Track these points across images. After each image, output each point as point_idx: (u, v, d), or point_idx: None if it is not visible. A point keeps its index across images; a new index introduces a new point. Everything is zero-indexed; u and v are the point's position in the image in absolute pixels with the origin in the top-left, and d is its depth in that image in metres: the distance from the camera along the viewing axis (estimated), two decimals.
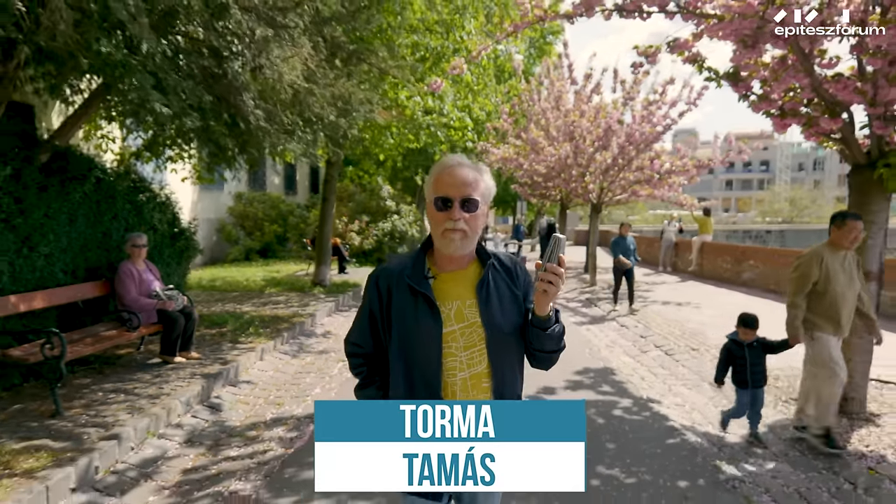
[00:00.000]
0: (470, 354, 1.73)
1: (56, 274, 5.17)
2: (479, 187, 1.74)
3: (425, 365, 1.71)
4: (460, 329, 1.73)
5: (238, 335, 7.05)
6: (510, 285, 1.82)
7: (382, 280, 1.79)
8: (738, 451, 4.33)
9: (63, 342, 4.26)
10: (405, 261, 1.81)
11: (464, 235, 1.70)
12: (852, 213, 4.49)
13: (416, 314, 1.72)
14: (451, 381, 1.72)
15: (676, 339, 8.00)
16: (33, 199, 4.81)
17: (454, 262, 1.79)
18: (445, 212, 1.69)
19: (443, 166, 1.76)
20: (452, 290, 1.76)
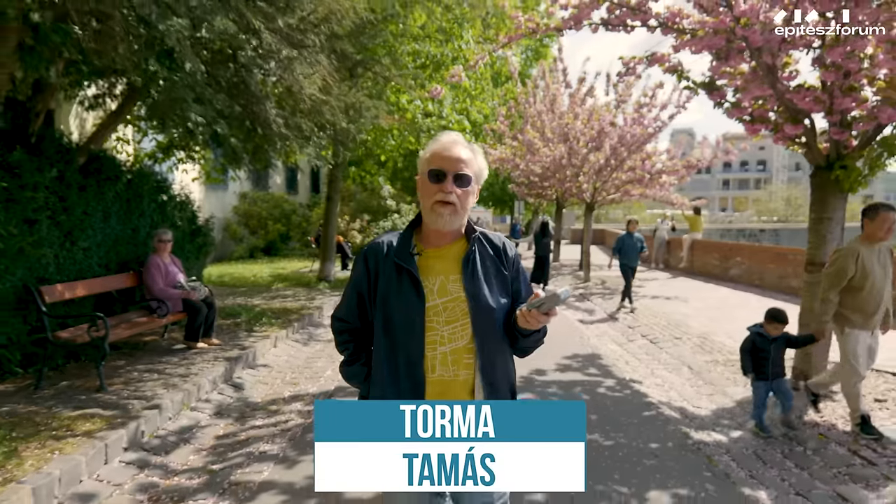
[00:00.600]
0: (452, 329, 1.73)
1: (93, 266, 5.70)
2: (473, 166, 1.77)
3: (407, 340, 1.72)
4: (443, 303, 1.74)
5: (252, 325, 7.58)
6: (497, 263, 1.82)
7: (370, 256, 1.80)
8: (707, 422, 4.87)
9: (107, 325, 4.78)
10: (392, 237, 1.83)
11: (454, 210, 1.73)
12: (884, 203, 4.51)
13: (400, 290, 1.73)
14: (430, 354, 1.72)
15: (662, 329, 8.55)
16: (74, 197, 5.33)
17: (441, 237, 1.80)
18: (438, 184, 1.72)
19: (439, 142, 1.78)
20: (437, 265, 1.78)
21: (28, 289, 4.78)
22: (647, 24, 5.88)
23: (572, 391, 5.54)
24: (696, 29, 5.60)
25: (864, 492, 3.57)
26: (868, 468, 3.87)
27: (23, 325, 4.87)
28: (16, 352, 4.84)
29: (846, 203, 5.57)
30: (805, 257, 5.75)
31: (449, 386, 1.73)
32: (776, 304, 8.74)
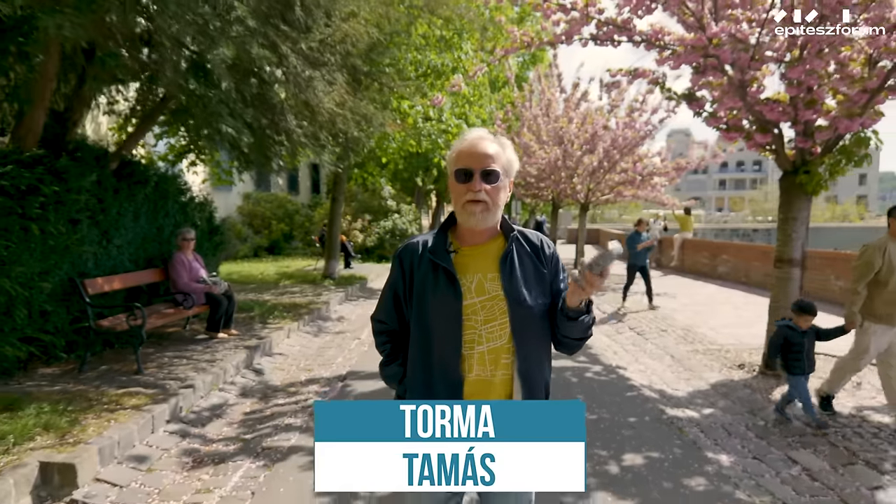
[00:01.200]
0: (490, 328, 1.70)
1: (125, 262, 6.24)
2: (501, 159, 1.72)
3: (444, 339, 1.69)
4: (481, 302, 1.70)
5: (266, 318, 8.12)
6: (535, 262, 1.79)
7: (405, 256, 1.79)
8: (682, 401, 5.43)
9: (144, 314, 5.32)
10: (428, 236, 1.81)
11: (485, 208, 1.69)
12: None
13: (436, 288, 1.70)
14: (468, 354, 1.70)
15: (649, 322, 9.11)
16: (110, 199, 5.87)
17: (477, 236, 1.77)
18: (466, 183, 1.68)
19: (464, 140, 1.75)
20: (474, 263, 1.74)
21: (73, 281, 5.32)
22: (632, 39, 6.42)
23: (562, 375, 6.09)
24: (675, 46, 6.15)
25: (811, 455, 4.13)
26: (818, 437, 4.43)
27: (66, 314, 5.41)
28: (60, 338, 5.37)
29: (810, 204, 6.13)
30: (774, 254, 6.30)
31: (486, 386, 1.71)
32: (760, 299, 9.29)
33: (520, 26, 11.57)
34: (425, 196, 27.48)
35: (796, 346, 4.52)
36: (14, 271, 4.67)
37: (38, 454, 3.50)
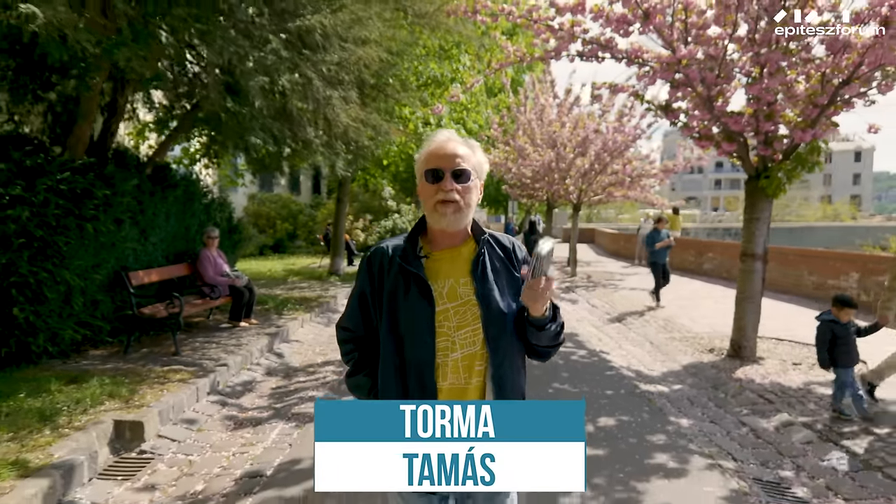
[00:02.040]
0: (464, 335, 1.67)
1: (159, 257, 6.95)
2: (471, 160, 1.70)
3: (416, 347, 1.66)
4: (454, 308, 1.68)
5: (280, 310, 8.83)
6: (507, 265, 1.76)
7: (374, 261, 1.74)
8: (655, 379, 6.16)
9: (182, 303, 6.04)
10: (398, 240, 1.76)
11: (457, 208, 1.66)
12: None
13: (408, 295, 1.66)
14: (442, 362, 1.66)
15: (634, 315, 9.85)
16: (147, 201, 6.58)
17: (448, 238, 1.74)
18: (436, 183, 1.65)
19: (433, 141, 1.72)
20: (445, 268, 1.71)
21: (118, 274, 6.03)
22: (615, 56, 7.14)
23: (549, 359, 6.81)
24: (653, 63, 6.87)
25: (760, 419, 4.86)
26: (767, 405, 5.17)
27: (111, 303, 6.12)
28: (106, 325, 6.07)
29: (771, 206, 6.87)
30: (740, 250, 7.03)
31: (461, 393, 1.68)
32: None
33: (513, 40, 12.27)
34: None
35: (842, 339, 4.55)
36: (73, 264, 5.37)
37: (111, 414, 4.21)
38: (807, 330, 7.89)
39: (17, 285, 5.02)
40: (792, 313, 9.54)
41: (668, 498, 3.47)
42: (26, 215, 5.02)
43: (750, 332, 6.83)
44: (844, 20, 5.71)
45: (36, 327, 5.19)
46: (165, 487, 3.61)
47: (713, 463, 3.99)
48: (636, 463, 3.96)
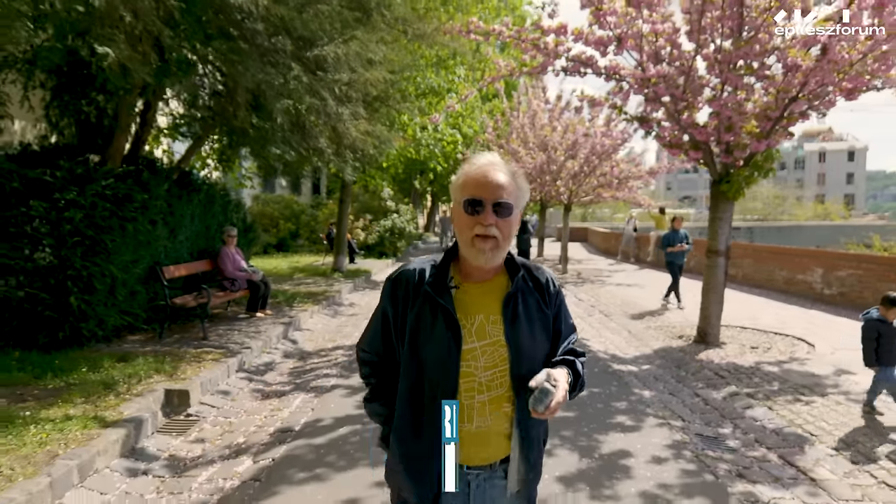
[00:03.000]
0: (491, 375, 1.58)
1: (185, 254, 7.74)
2: (512, 190, 1.59)
3: (439, 385, 1.57)
4: (482, 347, 1.58)
5: (291, 303, 9.63)
6: (540, 302, 1.68)
7: (400, 285, 1.66)
8: (627, 360, 6.98)
9: (209, 294, 6.84)
10: (426, 265, 1.67)
11: (496, 245, 1.56)
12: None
13: (434, 328, 1.57)
14: (467, 403, 1.57)
15: (616, 307, 10.68)
16: (175, 204, 7.36)
17: (481, 272, 1.64)
18: (475, 216, 1.54)
19: (474, 165, 1.61)
20: (476, 302, 1.62)
21: (153, 268, 6.82)
22: (596, 72, 7.94)
23: None
24: (629, 79, 7.67)
25: (711, 391, 5.68)
26: (720, 380, 5.98)
27: (146, 294, 6.91)
28: (143, 313, 6.86)
29: (733, 207, 7.69)
30: (706, 247, 7.85)
31: (484, 437, 1.60)
32: (731, 293, 10.55)
33: (504, 54, 13.05)
34: (421, 197, 29.04)
35: (887, 338, 4.55)
36: (117, 260, 6.16)
37: (160, 385, 5.01)
38: (770, 319, 8.79)
39: (72, 278, 5.81)
40: (760, 305, 10.39)
41: (621, 446, 4.28)
42: (79, 217, 5.81)
43: (714, 320, 7.65)
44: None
45: (87, 314, 5.98)
46: (213, 440, 4.41)
47: (664, 422, 4.81)
48: (600, 422, 4.77)
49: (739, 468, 3.98)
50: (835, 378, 5.94)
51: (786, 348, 7.31)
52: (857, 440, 4.37)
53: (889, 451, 4.17)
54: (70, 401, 4.45)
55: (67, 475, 3.40)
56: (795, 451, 4.23)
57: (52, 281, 5.77)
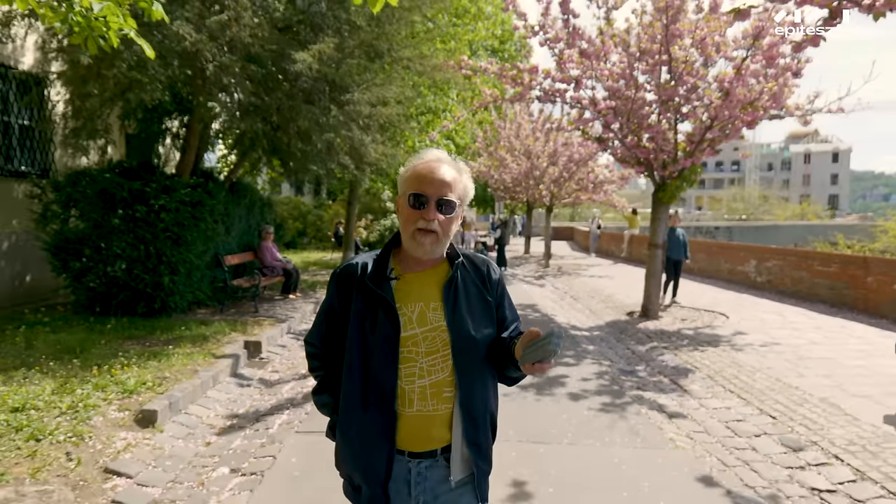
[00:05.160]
0: (432, 361, 1.63)
1: (235, 247, 9.73)
2: (458, 188, 1.64)
3: (380, 371, 1.61)
4: (423, 333, 1.63)
5: (313, 288, 11.62)
6: (481, 289, 1.72)
7: (343, 279, 1.70)
8: (582, 328, 9.02)
9: (259, 278, 8.83)
10: (368, 259, 1.70)
11: (436, 239, 1.61)
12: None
13: (374, 317, 1.62)
14: (408, 388, 1.62)
15: (586, 293, 12.74)
16: (230, 207, 9.34)
17: (421, 262, 1.69)
18: (419, 210, 1.60)
19: (421, 160, 1.66)
20: (416, 291, 1.67)
21: (216, 258, 8.80)
22: (563, 101, 9.96)
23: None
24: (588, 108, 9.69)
25: (638, 346, 7.71)
26: (647, 339, 8.02)
27: (210, 277, 8.89)
28: (208, 292, 8.84)
29: (668, 210, 9.74)
30: (647, 241, 9.90)
31: (427, 421, 1.65)
32: (682, 281, 12.46)
33: (489, 84, 14.99)
34: None
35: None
36: (194, 250, 8.14)
37: (240, 338, 6.99)
38: (707, 300, 10.91)
39: (164, 263, 7.79)
40: (703, 290, 12.48)
41: (562, 372, 6.31)
42: (169, 218, 7.78)
43: (653, 298, 9.71)
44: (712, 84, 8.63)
45: (173, 291, 7.96)
46: (284, 371, 6.41)
47: (596, 361, 6.85)
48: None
49: (640, 384, 6.02)
50: (730, 337, 8.02)
51: (707, 320, 9.38)
52: (722, 369, 6.43)
53: (738, 373, 6.24)
54: (185, 345, 6.44)
55: (206, 382, 5.39)
56: (680, 377, 6.27)
57: (149, 265, 7.74)
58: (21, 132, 9.01)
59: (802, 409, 5.15)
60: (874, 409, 5.07)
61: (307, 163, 8.15)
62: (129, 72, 5.92)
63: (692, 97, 8.83)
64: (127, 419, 4.37)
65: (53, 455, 3.67)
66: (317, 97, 7.29)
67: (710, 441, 4.55)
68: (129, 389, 4.81)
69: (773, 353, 7.14)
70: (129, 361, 5.55)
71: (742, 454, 4.31)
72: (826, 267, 10.74)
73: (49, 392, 4.57)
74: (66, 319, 7.44)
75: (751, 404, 5.33)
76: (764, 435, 4.64)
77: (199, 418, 4.79)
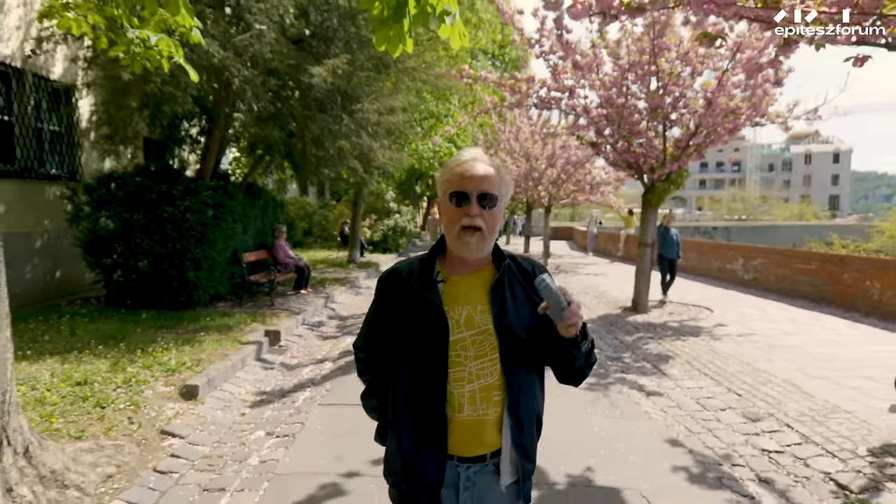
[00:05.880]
0: (480, 364, 1.63)
1: (250, 245, 10.39)
2: (497, 183, 1.64)
3: (429, 375, 1.62)
4: (471, 336, 1.63)
5: (323, 285, 12.28)
6: (528, 289, 1.70)
7: (389, 283, 1.73)
8: None
9: (275, 274, 9.49)
10: (414, 262, 1.73)
11: (482, 236, 1.61)
12: None
13: (422, 320, 1.63)
14: (457, 392, 1.62)
15: (581, 290, 13.39)
16: (248, 207, 10.01)
17: (467, 264, 1.69)
18: (461, 208, 1.60)
19: (458, 160, 1.66)
20: (463, 293, 1.66)
21: (235, 255, 9.46)
22: (559, 109, 10.60)
23: None
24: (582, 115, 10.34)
25: (626, 336, 8.36)
26: (635, 330, 8.68)
27: (229, 273, 9.55)
28: (228, 286, 9.51)
29: (656, 211, 10.39)
30: (637, 240, 10.54)
31: (478, 425, 1.65)
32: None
33: (489, 91, 15.65)
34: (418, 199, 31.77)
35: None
36: (216, 248, 8.80)
37: (260, 328, 7.65)
38: (695, 296, 11.51)
39: (189, 260, 8.45)
40: (693, 287, 13.13)
41: None
42: (195, 218, 8.44)
43: (643, 293, 10.36)
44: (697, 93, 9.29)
45: (197, 285, 8.63)
46: (302, 357, 7.07)
47: None
48: None
49: (624, 368, 6.68)
50: (711, 328, 8.68)
51: (693, 313, 10.03)
52: (700, 355, 7.09)
53: (713, 359, 6.89)
54: (212, 333, 7.10)
55: (235, 364, 6.06)
56: (661, 362, 6.93)
57: (175, 262, 8.41)
58: (51, 137, 9.68)
59: (766, 388, 5.80)
60: (829, 389, 5.72)
61: (320, 167, 8.82)
62: (164, 86, 6.57)
63: (679, 105, 9.48)
64: (173, 393, 5.04)
65: (118, 419, 4.34)
66: (329, 106, 7.95)
67: (681, 414, 5.21)
68: (172, 369, 5.48)
69: (748, 341, 7.79)
70: (167, 346, 6.22)
71: (707, 424, 4.97)
72: (807, 265, 11.39)
73: (105, 370, 5.24)
74: (101, 311, 8.11)
75: (721, 384, 5.98)
76: (728, 409, 5.29)
77: (233, 394, 5.46)
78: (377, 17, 2.87)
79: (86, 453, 3.65)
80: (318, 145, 8.33)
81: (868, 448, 4.32)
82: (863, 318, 9.41)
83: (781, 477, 3.99)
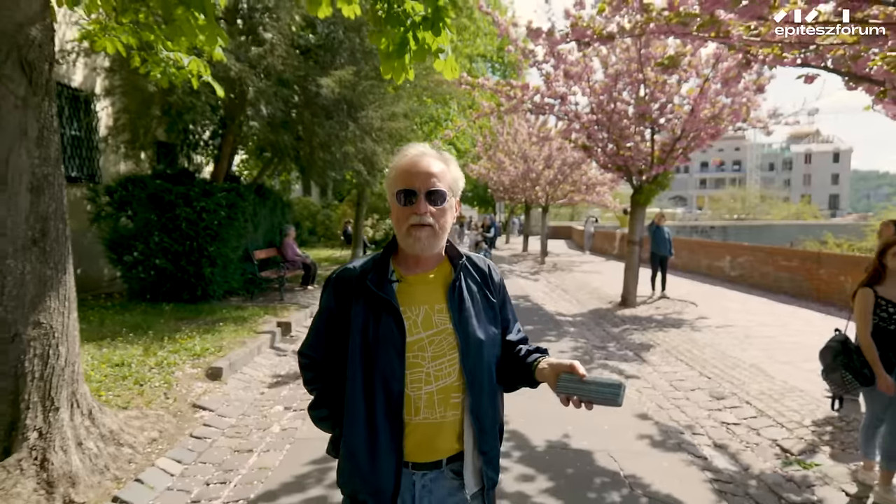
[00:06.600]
0: (439, 365, 1.59)
1: (260, 244, 11.00)
2: (446, 178, 1.60)
3: (386, 379, 1.55)
4: (428, 337, 1.59)
5: None
6: (484, 289, 1.70)
7: (340, 284, 1.65)
8: (567, 315, 10.26)
9: (285, 270, 10.10)
10: (367, 262, 1.66)
11: (431, 233, 1.57)
12: None
13: (378, 321, 1.56)
14: (414, 395, 1.57)
15: (575, 286, 13.98)
16: (258, 208, 10.61)
17: (421, 263, 1.65)
18: (409, 206, 1.55)
19: (405, 157, 1.61)
20: (419, 293, 1.63)
21: (247, 253, 10.07)
22: (553, 114, 11.20)
23: None
24: (574, 120, 10.93)
25: (613, 328, 8.96)
26: (622, 323, 9.27)
27: (241, 270, 10.16)
28: (240, 282, 10.11)
29: (644, 211, 10.98)
30: (626, 238, 11.13)
31: (435, 429, 1.60)
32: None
33: (486, 96, 16.27)
34: None
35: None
36: (229, 246, 9.41)
37: (273, 319, 8.26)
38: (683, 291, 12.07)
39: (205, 257, 9.06)
40: (682, 283, 13.72)
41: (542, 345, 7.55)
42: (210, 218, 9.05)
43: (631, 289, 10.95)
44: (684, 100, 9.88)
45: (213, 281, 9.24)
46: None
47: (574, 339, 8.10)
48: (535, 338, 8.06)
49: (607, 356, 7.28)
50: (693, 321, 9.28)
51: (678, 308, 10.62)
52: (679, 345, 7.69)
53: (691, 348, 7.49)
54: (229, 324, 7.70)
55: (252, 351, 6.67)
56: (643, 350, 7.52)
57: (193, 258, 9.02)
58: (72, 142, 10.29)
59: (734, 371, 6.40)
60: (790, 372, 6.32)
61: (327, 170, 9.43)
62: (185, 97, 7.18)
63: (665, 111, 10.08)
64: (200, 374, 5.65)
65: (155, 394, 4.95)
66: (336, 113, 8.56)
67: (655, 393, 5.81)
68: (197, 354, 6.09)
69: (725, 332, 8.39)
70: (191, 334, 6.83)
71: (676, 402, 5.57)
72: (788, 262, 11.98)
73: (138, 354, 5.85)
74: (124, 305, 8.73)
75: (694, 369, 6.58)
76: (698, 389, 5.89)
77: (252, 376, 6.07)
78: (384, 51, 3.49)
79: (133, 419, 4.26)
80: (325, 149, 8.93)
81: (813, 420, 4.92)
82: (836, 311, 9.99)
83: (734, 443, 4.60)
